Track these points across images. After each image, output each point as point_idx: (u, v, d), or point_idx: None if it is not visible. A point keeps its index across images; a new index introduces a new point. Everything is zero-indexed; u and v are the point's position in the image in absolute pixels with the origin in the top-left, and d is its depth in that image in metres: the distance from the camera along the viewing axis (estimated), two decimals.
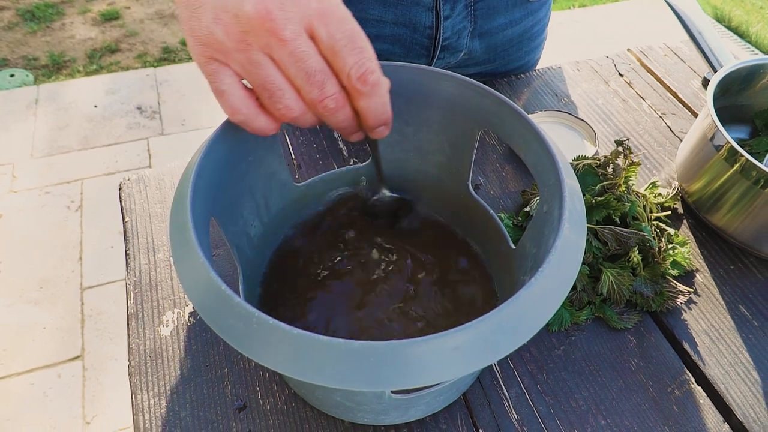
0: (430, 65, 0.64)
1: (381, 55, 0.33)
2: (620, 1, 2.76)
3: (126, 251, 0.50)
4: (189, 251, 0.28)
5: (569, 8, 2.70)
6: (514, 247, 0.40)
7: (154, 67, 2.16)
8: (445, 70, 0.38)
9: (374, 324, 0.40)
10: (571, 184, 0.32)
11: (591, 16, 2.63)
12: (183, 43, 2.30)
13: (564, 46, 2.39)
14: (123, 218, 0.53)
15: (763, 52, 2.59)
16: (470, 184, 0.43)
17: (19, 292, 1.44)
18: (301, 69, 0.29)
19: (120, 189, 0.55)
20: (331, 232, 0.46)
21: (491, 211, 0.43)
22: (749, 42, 2.65)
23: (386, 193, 0.45)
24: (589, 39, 2.47)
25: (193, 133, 1.89)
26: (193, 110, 1.97)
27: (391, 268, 0.44)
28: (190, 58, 2.24)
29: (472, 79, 0.37)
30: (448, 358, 0.25)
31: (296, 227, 0.45)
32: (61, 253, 1.53)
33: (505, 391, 0.41)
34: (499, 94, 0.36)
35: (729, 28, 2.72)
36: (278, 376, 0.42)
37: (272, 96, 0.30)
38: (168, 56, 2.23)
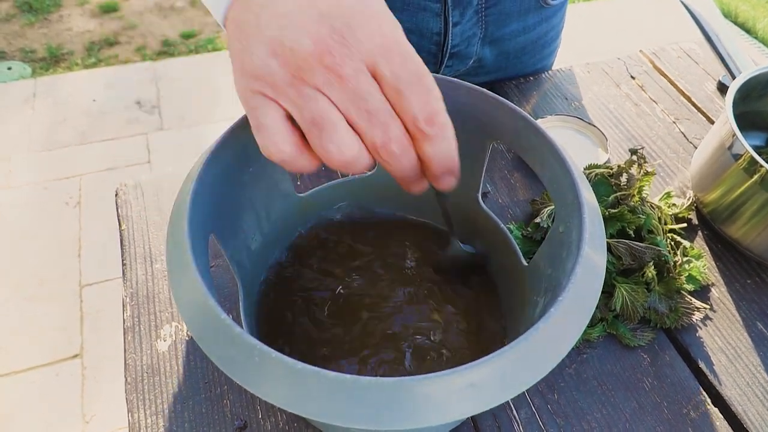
0: (438, 73, 0.62)
1: None
2: None
3: (123, 261, 0.48)
4: (186, 275, 0.27)
5: (572, 2, 2.67)
6: (526, 264, 0.38)
7: (153, 60, 2.14)
8: (457, 80, 0.36)
9: (377, 340, 0.39)
10: (590, 202, 0.31)
11: (596, 11, 2.60)
12: (183, 36, 2.28)
13: (567, 44, 2.36)
14: (119, 226, 0.51)
15: None
16: (479, 196, 0.42)
17: (16, 290, 1.43)
18: (362, 108, 0.26)
19: (116, 195, 0.53)
20: (334, 245, 0.44)
21: (501, 225, 0.41)
22: (756, 38, 2.62)
23: (458, 246, 0.41)
24: (593, 35, 2.44)
25: (193, 128, 1.87)
26: (193, 105, 1.94)
27: (394, 281, 0.42)
28: (191, 51, 2.21)
29: (485, 89, 0.35)
30: (463, 396, 0.24)
31: (298, 238, 0.44)
32: (59, 250, 1.52)
33: (515, 412, 0.40)
34: (514, 105, 0.34)
35: (735, 23, 2.68)
36: None
37: (323, 132, 0.26)
38: (167, 49, 2.21)
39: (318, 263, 0.43)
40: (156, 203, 0.52)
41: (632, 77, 0.67)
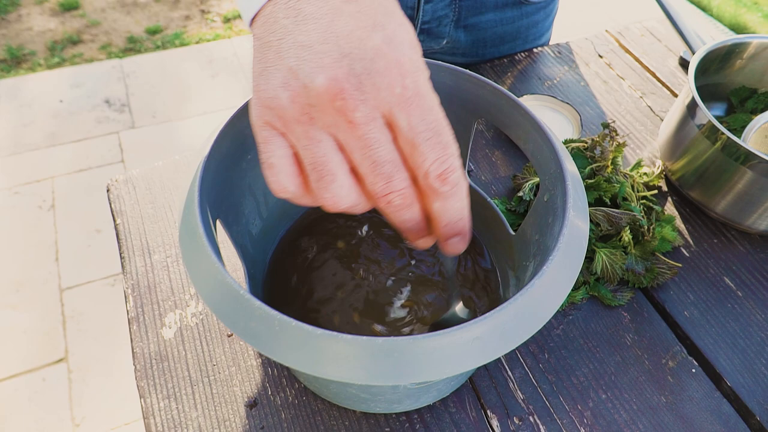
0: None
1: None
2: None
3: (120, 254, 0.49)
4: (204, 259, 0.28)
5: None
6: (513, 233, 0.41)
7: (120, 58, 2.10)
8: (442, 62, 0.38)
9: (379, 310, 0.41)
10: (572, 171, 0.33)
11: None
12: (148, 31, 2.24)
13: None
14: (114, 221, 0.52)
15: (725, 25, 2.66)
16: (465, 172, 0.44)
17: None
18: (367, 156, 0.25)
19: (108, 191, 0.54)
20: (330, 224, 0.46)
21: (489, 199, 0.43)
22: (711, 15, 2.70)
23: (455, 312, 0.39)
24: (562, 18, 2.48)
25: (166, 125, 1.84)
26: (163, 101, 1.92)
27: (390, 253, 0.44)
28: (157, 47, 2.17)
29: (468, 71, 0.37)
30: (468, 349, 0.26)
31: (295, 222, 0.46)
32: (36, 255, 1.49)
33: (510, 372, 0.43)
34: (496, 84, 0.37)
35: (691, 1, 2.77)
36: (287, 371, 0.42)
37: (320, 180, 0.26)
38: (134, 46, 2.17)
39: (315, 242, 0.45)
40: (149, 196, 0.53)
41: (600, 56, 0.70)
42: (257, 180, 0.40)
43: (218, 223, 0.35)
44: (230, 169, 0.36)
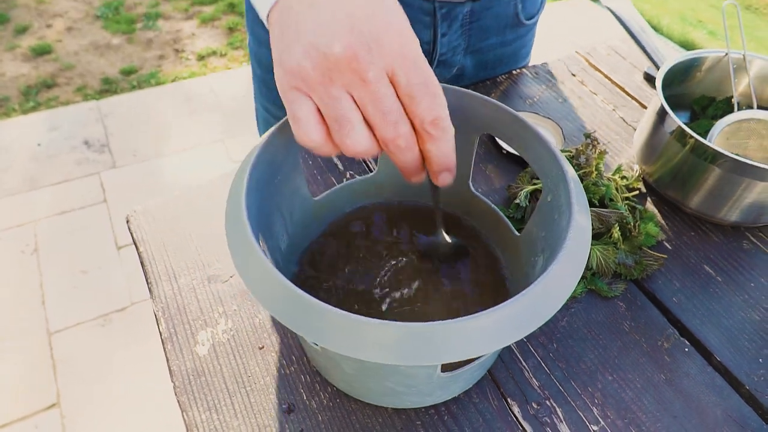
0: None
1: None
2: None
3: (147, 280, 0.52)
4: (257, 267, 0.32)
5: None
6: (518, 234, 0.45)
7: (97, 99, 2.11)
8: (447, 84, 0.42)
9: (404, 311, 0.45)
10: (571, 172, 0.38)
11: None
12: (123, 72, 2.26)
13: None
14: (137, 249, 0.54)
15: (675, 43, 2.83)
16: (471, 184, 0.48)
17: None
18: (378, 109, 0.31)
19: (128, 222, 0.56)
20: (349, 238, 0.50)
21: (492, 205, 0.48)
22: (662, 34, 2.88)
23: (444, 237, 0.46)
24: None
25: (147, 163, 1.86)
26: (144, 140, 1.94)
27: (408, 260, 0.48)
28: (133, 87, 2.20)
29: (471, 91, 0.42)
30: (496, 330, 0.30)
31: (318, 236, 0.49)
32: (21, 299, 1.47)
33: (524, 363, 0.46)
34: (497, 102, 0.41)
35: None
36: (319, 376, 0.45)
37: (342, 129, 0.32)
38: (109, 87, 2.18)
39: (335, 251, 0.48)
40: (169, 225, 0.56)
41: (573, 74, 0.76)
42: (284, 198, 0.43)
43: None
44: (263, 189, 0.40)
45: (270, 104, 0.73)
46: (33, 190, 1.74)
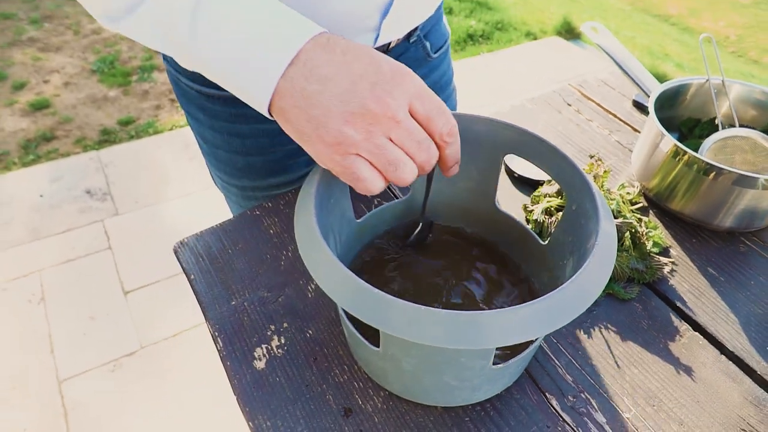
0: None
1: None
2: (520, 44, 3.10)
3: (200, 305, 0.55)
4: (331, 272, 0.36)
5: (479, 54, 3.00)
6: (543, 243, 0.51)
7: (96, 149, 2.16)
8: (473, 114, 0.48)
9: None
10: (592, 182, 0.43)
11: (499, 58, 2.93)
12: (121, 123, 2.32)
13: (517, 84, 2.64)
14: (188, 277, 0.58)
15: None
16: (497, 202, 0.54)
17: None
18: (413, 141, 0.38)
19: (176, 253, 0.60)
20: (387, 253, 0.54)
21: (517, 220, 0.53)
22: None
23: (423, 218, 0.53)
24: (533, 76, 2.75)
25: (149, 208, 1.89)
26: (145, 187, 1.98)
27: (445, 275, 0.53)
28: (132, 137, 2.25)
29: (497, 119, 0.48)
30: (542, 318, 0.34)
31: (360, 252, 0.54)
32: (29, 349, 1.47)
33: (557, 361, 0.51)
34: (519, 126, 0.47)
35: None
36: (371, 382, 0.49)
37: (398, 170, 0.38)
38: (108, 137, 2.23)
39: (378, 266, 0.53)
40: (213, 254, 0.60)
41: (568, 104, 0.84)
42: (335, 219, 0.48)
43: None
44: (320, 210, 0.44)
45: (222, 173, 0.75)
46: (37, 240, 1.76)
